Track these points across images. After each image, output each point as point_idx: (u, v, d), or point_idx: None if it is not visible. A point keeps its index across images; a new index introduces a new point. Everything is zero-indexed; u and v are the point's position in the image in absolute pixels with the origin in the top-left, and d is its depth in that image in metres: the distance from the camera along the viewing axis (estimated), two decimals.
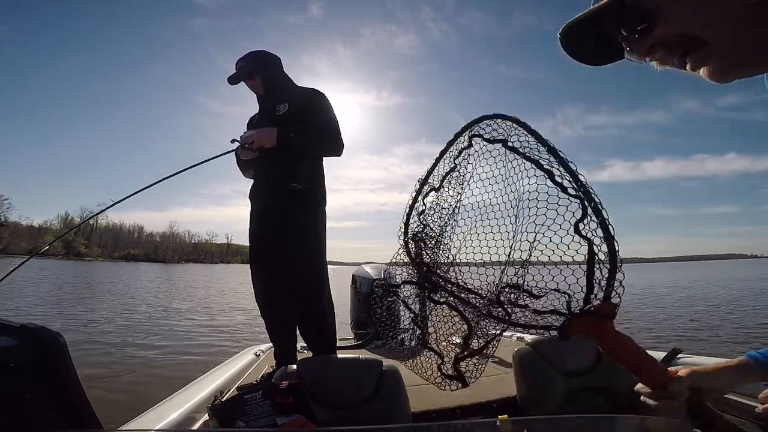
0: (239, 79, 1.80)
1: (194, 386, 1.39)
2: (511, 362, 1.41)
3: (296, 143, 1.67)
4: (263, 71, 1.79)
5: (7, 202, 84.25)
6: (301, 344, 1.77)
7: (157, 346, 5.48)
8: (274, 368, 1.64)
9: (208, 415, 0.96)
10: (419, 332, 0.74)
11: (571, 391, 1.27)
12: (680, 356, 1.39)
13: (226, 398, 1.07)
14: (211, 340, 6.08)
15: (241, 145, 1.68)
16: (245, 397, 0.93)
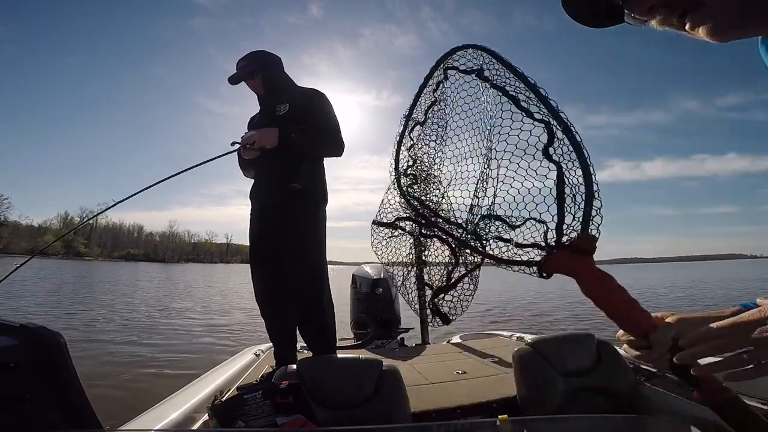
0: (240, 79, 1.80)
1: (194, 386, 1.39)
2: (511, 362, 1.41)
3: (297, 143, 1.67)
4: (264, 71, 1.79)
5: (6, 201, 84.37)
6: (301, 344, 1.77)
7: (156, 345, 5.48)
8: (274, 368, 1.64)
9: (208, 415, 0.96)
10: (416, 269, 0.74)
11: (571, 391, 1.26)
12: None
13: (226, 398, 1.07)
14: (210, 339, 6.08)
15: (242, 145, 1.68)
16: (245, 397, 0.93)
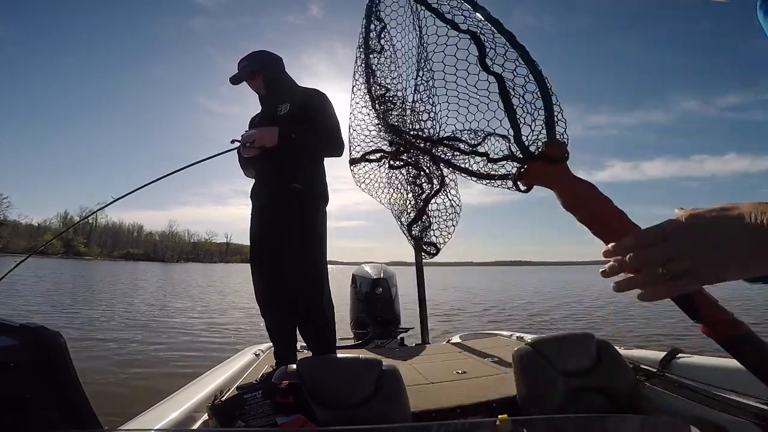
0: (241, 79, 1.80)
1: (194, 386, 1.39)
2: (510, 362, 1.41)
3: (297, 143, 1.67)
4: (265, 71, 1.79)
5: (6, 201, 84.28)
6: (301, 344, 1.77)
7: (156, 345, 5.48)
8: (273, 368, 1.64)
9: (207, 414, 0.96)
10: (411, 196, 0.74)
11: (571, 391, 1.26)
12: (679, 356, 1.39)
13: (225, 398, 1.07)
14: (210, 339, 6.08)
15: (242, 143, 1.69)
16: (245, 396, 0.93)
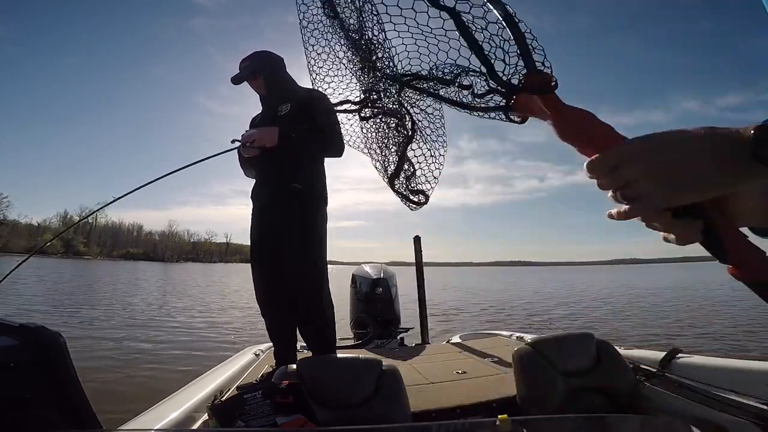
0: (242, 79, 1.80)
1: (194, 386, 1.39)
2: (510, 362, 1.41)
3: (297, 143, 1.67)
4: (266, 71, 1.79)
5: (6, 200, 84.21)
6: (301, 344, 1.77)
7: (156, 345, 5.48)
8: (273, 368, 1.64)
9: (207, 414, 0.96)
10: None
11: (571, 391, 1.27)
12: (679, 356, 1.39)
13: (225, 398, 1.07)
14: (210, 339, 6.08)
15: (242, 143, 1.69)
16: (245, 396, 0.93)
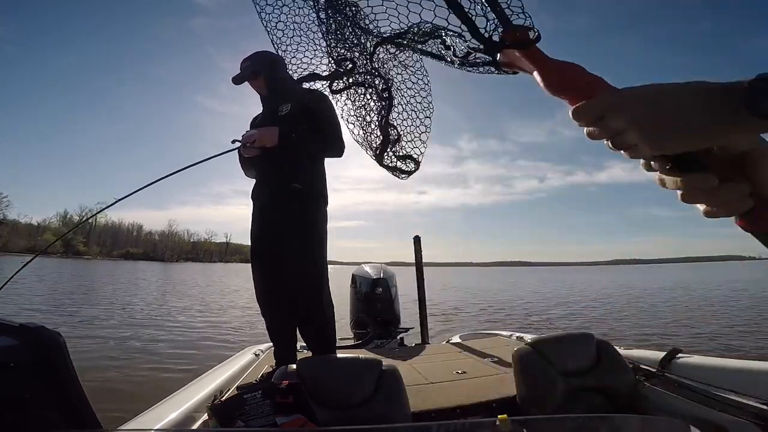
0: (243, 79, 1.80)
1: (194, 386, 1.39)
2: (510, 362, 1.41)
3: (297, 143, 1.67)
4: (267, 72, 1.79)
5: (6, 200, 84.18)
6: (301, 344, 1.78)
7: (155, 345, 5.47)
8: (273, 368, 1.64)
9: (207, 414, 0.96)
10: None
11: (571, 390, 1.27)
12: (679, 356, 1.39)
13: (225, 398, 1.07)
14: (210, 339, 6.07)
15: (242, 143, 1.69)
16: (245, 396, 0.93)
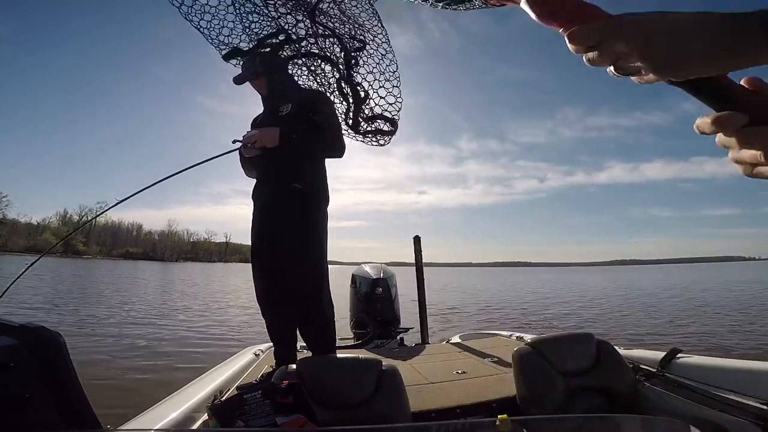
0: (244, 79, 1.80)
1: (194, 386, 1.39)
2: (510, 362, 1.41)
3: (298, 144, 1.67)
4: (268, 72, 1.79)
5: (5, 199, 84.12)
6: (301, 344, 1.78)
7: (155, 345, 5.48)
8: (273, 368, 1.64)
9: (207, 414, 0.96)
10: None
11: (570, 390, 1.27)
12: (679, 356, 1.39)
13: (225, 398, 1.07)
14: (210, 339, 6.08)
15: (243, 144, 1.69)
16: (245, 396, 0.93)
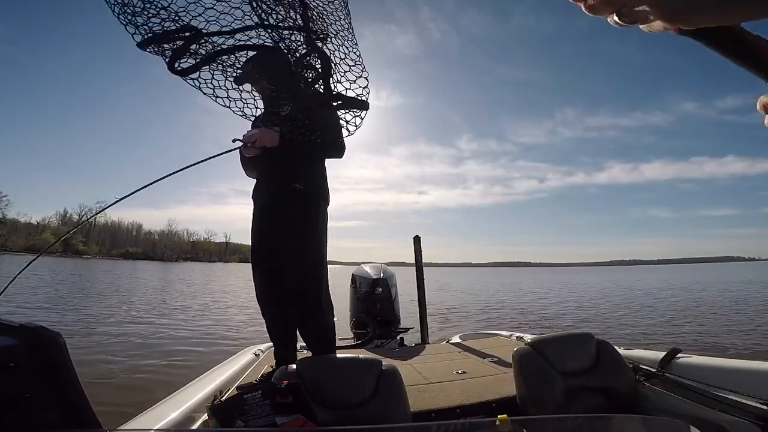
0: (244, 80, 1.80)
1: (194, 386, 1.39)
2: (510, 362, 1.41)
3: (298, 144, 1.67)
4: (269, 72, 1.79)
5: (5, 199, 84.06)
6: (301, 344, 1.78)
7: (155, 344, 5.47)
8: (273, 368, 1.64)
9: (207, 414, 0.96)
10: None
11: (570, 391, 1.27)
12: (679, 356, 1.39)
13: (225, 398, 1.07)
14: (210, 339, 6.08)
15: (244, 143, 1.69)
16: (245, 396, 0.93)
